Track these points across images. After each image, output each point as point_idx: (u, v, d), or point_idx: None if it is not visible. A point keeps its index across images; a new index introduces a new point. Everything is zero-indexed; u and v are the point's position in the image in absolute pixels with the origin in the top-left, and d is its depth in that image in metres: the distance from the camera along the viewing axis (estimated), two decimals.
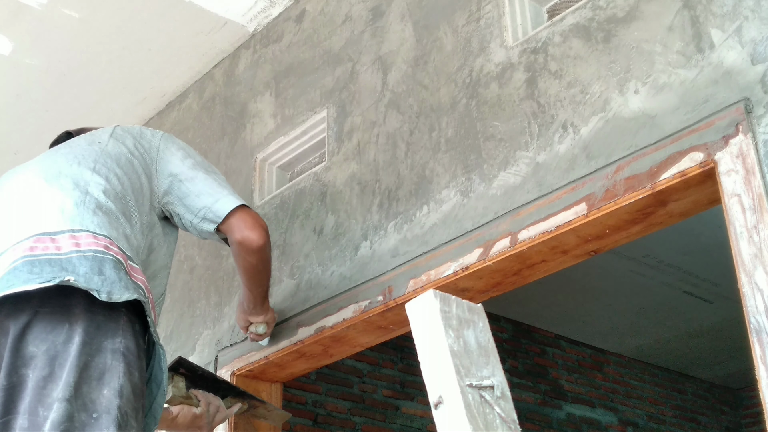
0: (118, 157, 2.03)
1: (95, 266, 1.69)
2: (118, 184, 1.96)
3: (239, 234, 2.11)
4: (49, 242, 1.73)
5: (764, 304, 1.62)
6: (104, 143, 2.06)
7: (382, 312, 2.37)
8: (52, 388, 1.58)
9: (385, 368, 5.13)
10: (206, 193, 2.11)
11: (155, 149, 2.13)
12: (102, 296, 1.64)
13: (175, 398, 2.08)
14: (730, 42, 1.83)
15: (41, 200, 1.87)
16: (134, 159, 2.06)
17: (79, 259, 1.70)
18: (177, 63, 3.42)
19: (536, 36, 2.24)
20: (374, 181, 2.54)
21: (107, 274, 1.69)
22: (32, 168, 2.00)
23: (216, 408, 2.19)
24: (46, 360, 1.61)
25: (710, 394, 7.12)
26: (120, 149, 2.06)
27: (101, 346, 1.64)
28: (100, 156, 2.00)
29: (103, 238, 1.78)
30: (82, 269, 1.68)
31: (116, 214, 1.88)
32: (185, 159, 2.15)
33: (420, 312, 1.59)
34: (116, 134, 2.12)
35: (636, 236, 2.05)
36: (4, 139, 3.75)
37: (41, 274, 1.65)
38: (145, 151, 2.11)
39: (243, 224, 2.11)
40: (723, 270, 4.90)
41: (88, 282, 1.65)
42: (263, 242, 2.13)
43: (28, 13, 3.10)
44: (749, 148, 1.72)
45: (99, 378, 1.61)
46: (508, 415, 1.53)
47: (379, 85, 2.64)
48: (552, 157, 2.09)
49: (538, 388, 5.79)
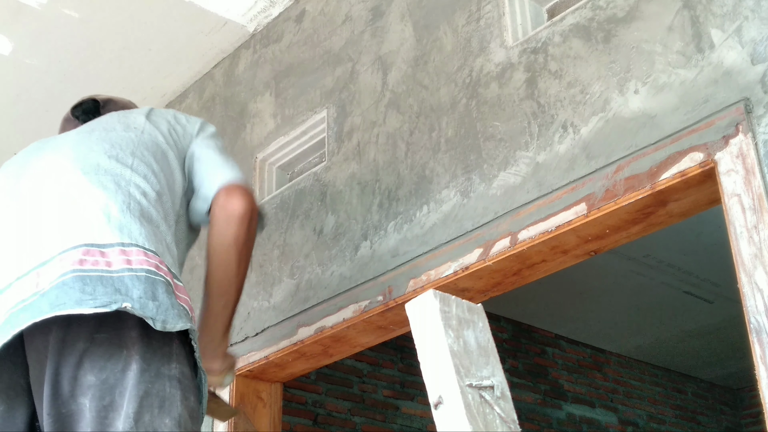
0: (154, 150, 1.87)
1: (149, 290, 1.58)
2: (157, 184, 1.81)
3: (223, 197, 1.87)
4: (99, 256, 1.61)
5: (764, 304, 1.62)
6: (140, 129, 1.90)
7: (382, 312, 2.37)
8: (114, 417, 1.52)
9: (385, 368, 5.13)
10: (208, 169, 1.93)
11: (189, 136, 1.98)
12: (157, 326, 1.55)
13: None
14: (730, 42, 1.83)
15: (83, 200, 1.72)
16: (169, 150, 1.90)
17: (132, 280, 1.58)
18: (177, 63, 3.42)
19: (536, 36, 2.24)
20: (374, 181, 2.54)
21: (161, 299, 1.58)
22: (65, 151, 1.83)
23: None
24: (106, 389, 1.54)
25: (710, 394, 7.12)
26: (156, 138, 1.90)
27: (159, 373, 1.57)
28: (137, 148, 1.84)
29: (153, 255, 1.65)
30: (136, 292, 1.56)
31: (158, 222, 1.75)
32: (207, 139, 2.00)
33: (420, 312, 1.59)
34: (152, 119, 1.95)
35: (636, 236, 2.05)
36: (4, 139, 3.75)
37: (94, 294, 1.54)
38: (179, 138, 1.96)
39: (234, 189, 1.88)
40: (723, 270, 4.88)
41: (143, 309, 1.55)
42: (250, 209, 1.85)
43: (28, 13, 3.10)
44: (749, 148, 1.72)
45: (160, 406, 1.55)
46: (508, 415, 1.53)
47: (379, 85, 2.64)
48: (552, 157, 2.09)
49: (538, 388, 5.79)
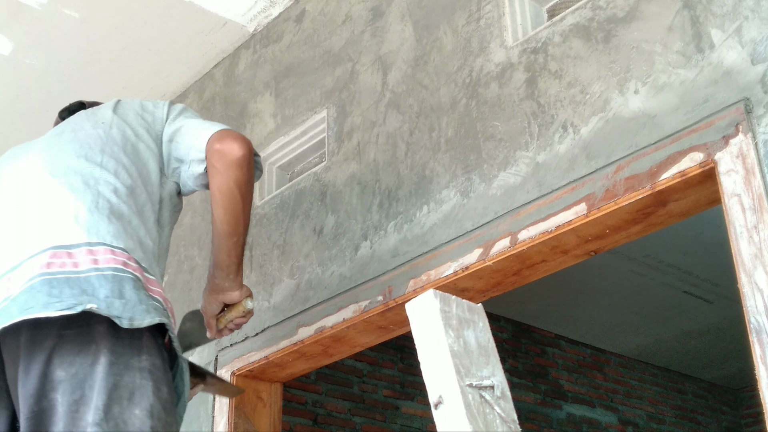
0: (123, 144, 1.89)
1: (115, 288, 1.63)
2: (128, 178, 1.84)
3: (217, 143, 1.87)
4: (66, 257, 1.66)
5: (764, 304, 1.62)
6: (108, 124, 1.93)
7: (382, 312, 2.37)
8: (85, 411, 1.56)
9: (385, 368, 5.13)
10: (190, 135, 1.93)
11: (159, 121, 1.98)
12: (124, 323, 1.59)
13: None
14: (730, 42, 1.83)
15: (52, 203, 1.77)
16: (140, 141, 1.92)
17: (99, 279, 1.63)
18: (177, 63, 3.42)
19: (536, 36, 2.24)
20: (374, 181, 2.54)
21: (128, 296, 1.63)
22: (36, 156, 1.88)
23: None
24: (76, 383, 1.58)
25: (710, 394, 7.12)
26: (124, 131, 1.92)
27: (128, 365, 1.61)
28: (106, 144, 1.88)
29: (121, 252, 1.70)
30: (103, 292, 1.61)
31: (129, 217, 1.78)
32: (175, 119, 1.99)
33: (420, 312, 1.59)
34: (119, 112, 1.98)
35: (636, 236, 2.05)
36: (4, 139, 3.74)
37: (61, 297, 1.59)
38: (149, 126, 1.97)
39: (228, 136, 1.88)
40: (723, 270, 4.88)
41: (109, 307, 1.59)
42: (245, 152, 1.86)
43: (28, 13, 3.10)
44: (749, 148, 1.72)
45: (129, 398, 1.59)
46: (508, 415, 1.53)
47: (379, 85, 2.64)
48: (552, 157, 2.09)
49: (538, 388, 5.79)
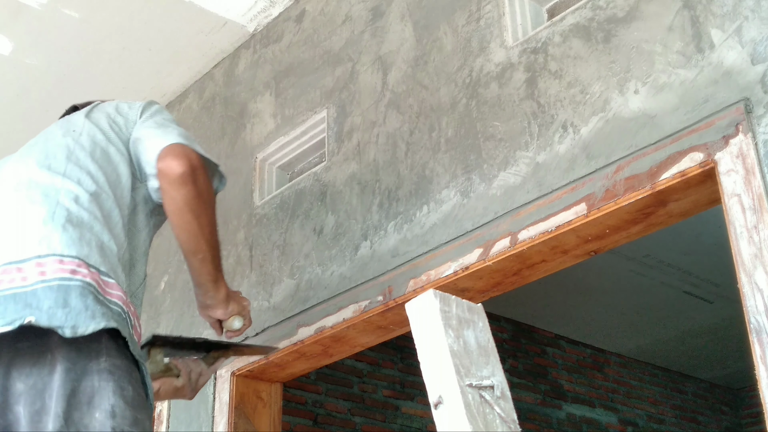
0: (92, 149, 1.86)
1: (60, 297, 1.60)
2: (92, 184, 1.80)
3: (161, 162, 1.80)
4: (15, 273, 1.64)
5: (764, 304, 1.62)
6: (78, 131, 1.89)
7: (382, 312, 2.37)
8: (47, 420, 1.55)
9: (385, 368, 5.13)
10: (146, 147, 1.86)
11: (132, 124, 1.94)
12: (66, 332, 1.56)
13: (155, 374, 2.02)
14: (730, 42, 1.83)
15: (10, 218, 1.75)
16: (110, 146, 1.88)
17: (44, 291, 1.60)
18: (177, 63, 3.42)
19: (536, 36, 2.24)
20: (374, 181, 2.54)
21: (72, 304, 1.60)
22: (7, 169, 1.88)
23: (198, 374, 2.11)
24: (35, 393, 1.58)
25: (710, 394, 7.12)
26: (94, 137, 1.88)
27: (86, 369, 1.60)
28: (72, 152, 1.84)
29: (71, 260, 1.66)
30: (46, 303, 1.59)
31: (89, 223, 1.74)
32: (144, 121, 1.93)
33: (420, 312, 1.59)
34: (92, 117, 1.95)
35: (636, 236, 2.05)
36: (4, 139, 3.74)
37: (4, 314, 1.57)
38: (121, 129, 1.92)
39: (170, 154, 1.80)
40: (723, 270, 4.89)
41: (50, 319, 1.57)
42: (184, 170, 1.78)
43: (28, 13, 3.10)
44: (749, 148, 1.72)
45: (89, 402, 1.58)
46: (508, 415, 1.53)
47: (379, 85, 2.64)
48: (552, 157, 2.08)
49: (538, 388, 5.79)
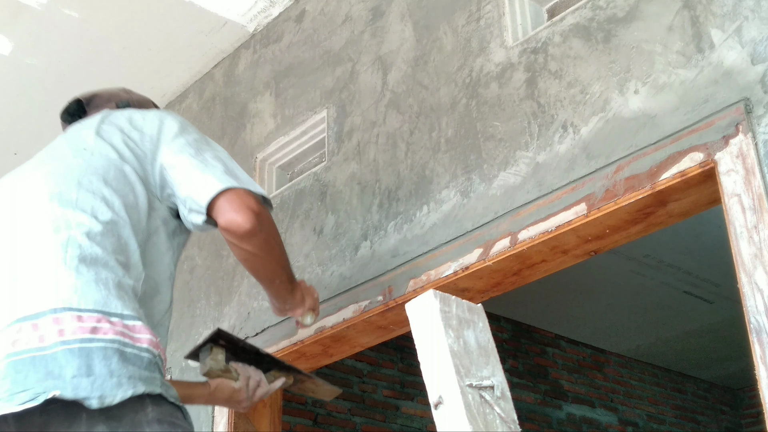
0: (106, 171, 1.76)
1: (83, 364, 1.49)
2: (107, 211, 1.69)
3: (222, 218, 1.79)
4: (31, 330, 1.52)
5: (764, 304, 1.62)
6: (89, 150, 1.80)
7: (382, 312, 2.37)
8: None
9: (385, 368, 5.13)
10: (190, 180, 1.80)
11: (149, 138, 1.85)
12: (93, 404, 1.46)
13: (213, 371, 1.95)
14: (730, 42, 1.83)
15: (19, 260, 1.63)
16: (125, 164, 1.79)
17: (65, 355, 1.49)
18: (177, 63, 3.42)
19: (536, 36, 2.24)
20: (374, 181, 2.54)
21: (97, 371, 1.49)
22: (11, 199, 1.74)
23: (256, 383, 2.04)
24: None
25: (710, 394, 7.12)
26: (108, 156, 1.79)
27: (134, 424, 1.50)
28: (84, 175, 1.74)
29: (89, 315, 1.55)
30: (69, 371, 1.48)
31: (105, 259, 1.63)
32: (173, 141, 1.86)
33: (420, 312, 1.59)
34: (103, 132, 1.84)
35: (636, 236, 2.05)
36: (4, 139, 3.75)
37: (25, 384, 1.46)
38: (136, 144, 1.83)
39: (228, 206, 1.78)
40: (723, 270, 4.90)
41: (76, 390, 1.46)
42: (251, 226, 1.78)
43: (28, 13, 3.10)
44: (749, 148, 1.72)
45: None
46: (508, 415, 1.53)
47: (379, 85, 2.64)
48: (552, 157, 2.09)
49: (538, 388, 5.79)
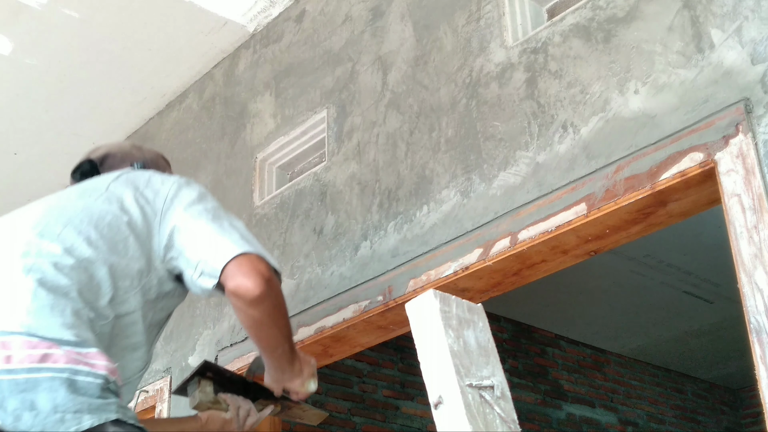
0: (100, 217, 1.76)
1: (26, 398, 1.46)
2: (86, 250, 1.69)
3: (231, 282, 1.74)
4: None
5: (764, 304, 1.62)
6: (96, 197, 1.81)
7: (382, 312, 2.37)
8: None
9: (385, 368, 5.13)
10: (205, 243, 1.77)
11: (163, 198, 1.84)
12: None
13: (203, 404, 1.98)
14: (730, 42, 1.83)
15: None
16: (124, 216, 1.78)
17: (9, 386, 1.46)
18: (177, 63, 3.42)
19: (536, 36, 2.24)
20: (374, 181, 2.54)
21: (40, 406, 1.46)
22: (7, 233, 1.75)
23: (246, 412, 2.04)
24: None
25: (710, 394, 7.12)
26: (109, 207, 1.79)
27: None
28: (76, 215, 1.74)
29: (39, 341, 1.50)
30: (12, 403, 1.45)
31: (67, 289, 1.61)
32: (191, 206, 1.84)
33: (420, 312, 1.59)
34: (117, 185, 1.86)
35: (636, 236, 2.05)
36: (4, 139, 3.75)
37: None
38: (148, 202, 1.83)
39: (238, 270, 1.74)
40: (723, 270, 4.89)
41: (16, 423, 1.44)
42: (260, 292, 1.73)
43: (28, 13, 3.10)
44: (749, 148, 1.72)
45: None
46: (508, 415, 1.53)
47: (379, 85, 2.64)
48: (552, 157, 2.08)
49: (538, 388, 5.79)
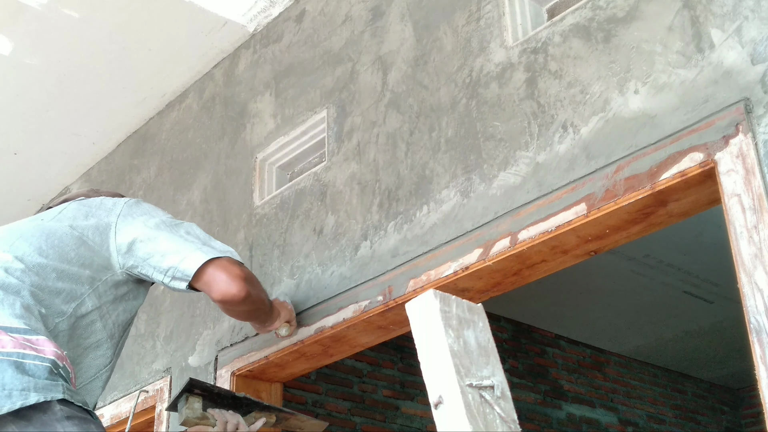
0: (51, 233, 2.00)
1: None
2: (36, 257, 1.92)
3: (217, 293, 2.04)
4: None
5: (764, 304, 1.62)
6: (48, 219, 2.04)
7: (382, 312, 2.37)
8: None
9: (385, 368, 5.13)
10: (172, 252, 2.05)
11: (116, 215, 2.09)
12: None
13: (190, 420, 2.02)
14: (730, 42, 1.83)
15: None
16: (74, 232, 2.02)
17: None
18: (177, 63, 3.42)
19: (536, 36, 2.24)
20: (374, 181, 2.54)
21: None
22: None
23: (234, 426, 2.11)
24: None
25: (710, 394, 7.12)
26: (59, 225, 2.03)
27: (44, 425, 1.59)
28: (27, 231, 1.98)
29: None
30: None
31: (17, 288, 1.83)
32: (148, 220, 2.10)
33: (420, 312, 1.59)
34: (69, 208, 2.09)
35: (636, 236, 2.05)
36: (4, 139, 3.75)
37: None
38: (100, 219, 2.08)
39: (218, 280, 2.03)
40: (723, 270, 4.88)
41: None
42: (245, 293, 2.05)
43: (28, 13, 3.10)
44: (749, 148, 1.72)
45: None
46: (508, 415, 1.53)
47: (379, 85, 2.64)
48: (552, 157, 2.09)
49: (538, 388, 5.79)
